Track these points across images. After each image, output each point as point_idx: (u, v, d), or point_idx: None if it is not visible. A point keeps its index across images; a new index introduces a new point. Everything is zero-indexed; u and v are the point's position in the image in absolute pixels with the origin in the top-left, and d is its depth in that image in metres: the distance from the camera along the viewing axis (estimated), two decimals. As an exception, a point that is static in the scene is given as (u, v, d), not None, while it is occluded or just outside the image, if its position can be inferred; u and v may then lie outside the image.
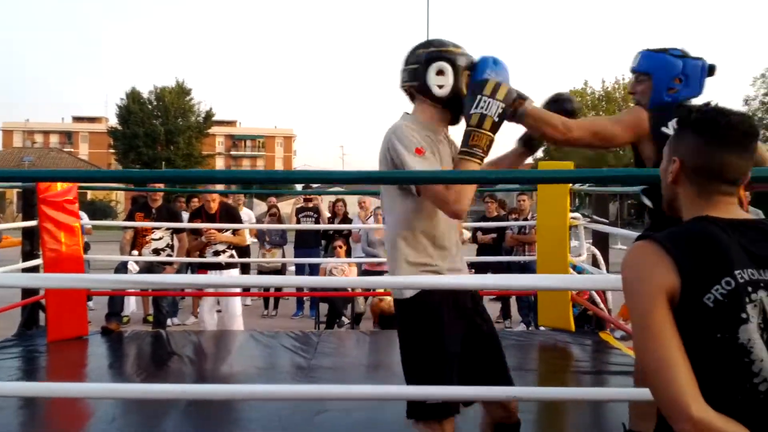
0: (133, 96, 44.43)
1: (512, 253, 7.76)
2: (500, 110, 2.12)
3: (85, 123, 64.15)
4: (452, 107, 2.27)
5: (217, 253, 6.06)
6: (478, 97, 2.12)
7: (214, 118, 48.17)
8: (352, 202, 9.41)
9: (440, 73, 2.20)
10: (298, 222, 8.83)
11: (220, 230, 6.06)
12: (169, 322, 6.98)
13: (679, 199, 1.39)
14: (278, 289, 8.69)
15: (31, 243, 5.90)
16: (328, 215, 9.25)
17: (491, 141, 2.15)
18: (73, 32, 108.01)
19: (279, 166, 69.32)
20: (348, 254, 8.10)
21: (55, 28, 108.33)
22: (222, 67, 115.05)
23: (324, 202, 9.43)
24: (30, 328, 5.76)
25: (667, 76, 2.55)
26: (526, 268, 7.29)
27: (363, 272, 7.96)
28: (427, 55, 2.24)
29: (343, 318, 7.58)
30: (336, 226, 8.60)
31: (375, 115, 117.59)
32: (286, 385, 3.89)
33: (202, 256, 6.23)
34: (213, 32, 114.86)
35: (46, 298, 5.43)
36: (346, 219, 9.08)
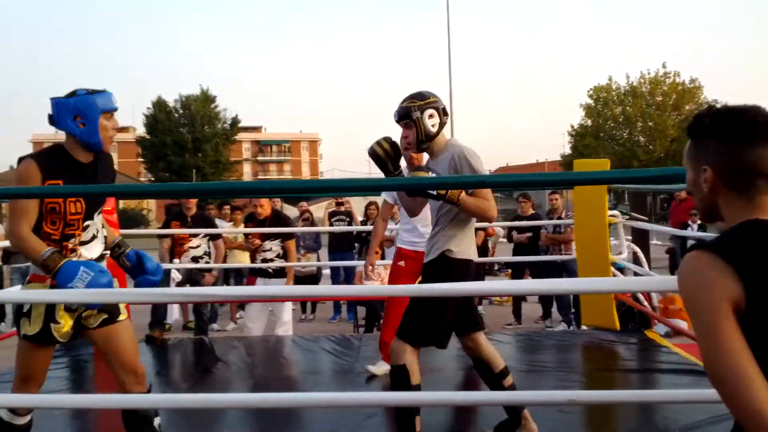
0: (160, 105, 44.89)
1: (548, 252, 7.68)
2: None
3: (113, 133, 64.94)
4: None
5: (265, 261, 6.08)
6: None
7: (240, 125, 48.51)
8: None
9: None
10: (331, 225, 8.85)
11: (268, 236, 6.05)
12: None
13: (719, 207, 1.36)
14: (314, 293, 8.70)
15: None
16: (361, 218, 9.25)
17: None
18: (97, 43, 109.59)
19: (305, 170, 69.63)
20: (383, 257, 8.07)
21: (78, 39, 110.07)
22: (246, 74, 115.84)
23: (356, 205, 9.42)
24: (75, 338, 5.83)
25: None
26: (564, 267, 7.23)
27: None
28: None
29: (382, 321, 7.56)
30: (370, 228, 8.58)
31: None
32: (339, 392, 3.88)
33: (253, 261, 6.28)
34: (236, 39, 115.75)
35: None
36: (379, 221, 9.04)
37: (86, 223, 2.73)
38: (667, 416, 3.44)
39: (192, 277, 6.40)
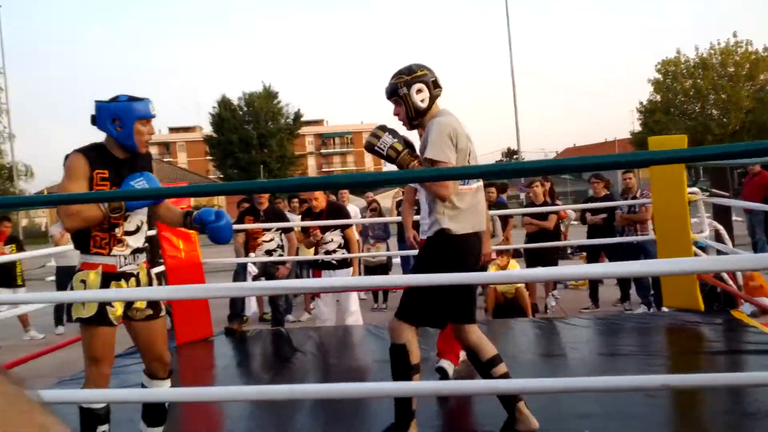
0: (224, 103, 45.81)
1: (623, 233, 7.48)
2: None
3: (181, 133, 66.65)
4: None
5: (328, 253, 6.14)
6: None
7: (303, 119, 49.06)
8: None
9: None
10: (400, 215, 8.84)
11: (328, 228, 6.11)
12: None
13: None
14: (385, 282, 8.73)
15: (151, 251, 6.16)
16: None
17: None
18: (163, 46, 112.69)
19: (368, 160, 69.93)
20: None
21: (145, 44, 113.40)
22: (306, 68, 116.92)
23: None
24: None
25: None
26: (641, 247, 7.03)
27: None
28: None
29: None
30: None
31: (463, 104, 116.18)
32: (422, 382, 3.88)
33: (315, 254, 6.36)
34: (294, 35, 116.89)
35: (171, 303, 5.65)
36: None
37: (128, 214, 2.93)
38: (758, 398, 3.31)
39: (267, 270, 6.52)
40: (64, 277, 8.42)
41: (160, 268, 5.76)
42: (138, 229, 2.98)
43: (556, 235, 7.88)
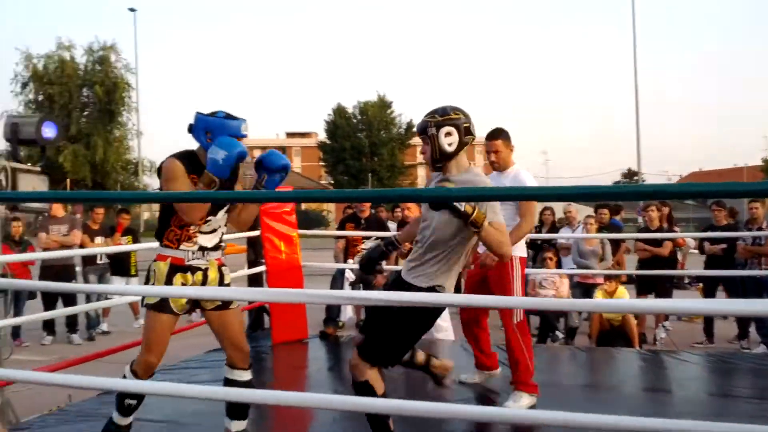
0: (339, 111, 46.89)
1: (746, 266, 6.97)
2: None
3: (297, 138, 68.58)
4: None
5: None
6: None
7: (415, 129, 49.39)
8: (560, 209, 9.04)
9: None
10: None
11: None
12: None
13: None
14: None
15: (254, 251, 6.33)
16: (536, 224, 8.95)
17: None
18: (283, 54, 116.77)
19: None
20: (558, 265, 7.75)
21: (266, 52, 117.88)
22: (420, 79, 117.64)
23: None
24: (256, 330, 6.20)
25: None
26: (764, 283, 6.53)
27: (575, 284, 7.59)
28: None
29: (557, 332, 7.26)
30: (545, 235, 8.28)
31: (581, 123, 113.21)
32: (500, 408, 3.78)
33: None
34: (410, 44, 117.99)
35: (269, 303, 5.76)
36: (554, 228, 8.72)
37: (209, 218, 3.08)
38: None
39: (364, 278, 6.52)
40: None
41: (261, 268, 5.90)
42: (213, 231, 3.13)
43: (672, 263, 7.44)
